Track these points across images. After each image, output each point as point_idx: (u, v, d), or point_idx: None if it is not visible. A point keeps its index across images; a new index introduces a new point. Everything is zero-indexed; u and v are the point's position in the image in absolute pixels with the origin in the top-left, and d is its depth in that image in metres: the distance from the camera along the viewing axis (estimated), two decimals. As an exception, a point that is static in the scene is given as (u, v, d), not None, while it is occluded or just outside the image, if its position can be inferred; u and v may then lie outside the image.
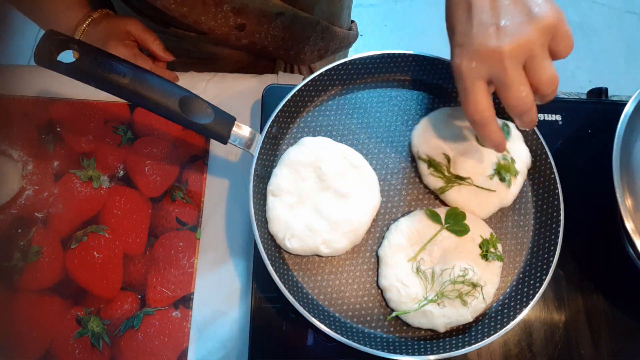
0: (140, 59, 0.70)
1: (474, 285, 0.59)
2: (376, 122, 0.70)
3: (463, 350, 0.57)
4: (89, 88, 0.57)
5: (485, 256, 0.60)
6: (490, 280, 0.60)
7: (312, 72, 0.93)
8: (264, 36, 0.75)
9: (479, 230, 0.62)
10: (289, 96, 0.65)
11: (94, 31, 0.70)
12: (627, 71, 2.06)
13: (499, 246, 0.62)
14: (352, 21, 0.96)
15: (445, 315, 0.58)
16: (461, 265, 0.59)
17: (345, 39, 0.87)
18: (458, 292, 0.58)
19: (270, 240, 0.62)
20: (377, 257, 0.63)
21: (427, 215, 0.62)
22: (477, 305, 0.59)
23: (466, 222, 0.62)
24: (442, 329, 0.59)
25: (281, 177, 0.63)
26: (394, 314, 0.60)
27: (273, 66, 0.88)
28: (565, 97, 0.81)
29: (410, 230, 0.62)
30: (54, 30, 0.56)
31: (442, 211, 0.63)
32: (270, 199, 0.63)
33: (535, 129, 0.68)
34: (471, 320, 0.60)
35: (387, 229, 0.64)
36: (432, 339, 0.60)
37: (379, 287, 0.62)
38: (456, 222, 0.62)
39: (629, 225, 0.61)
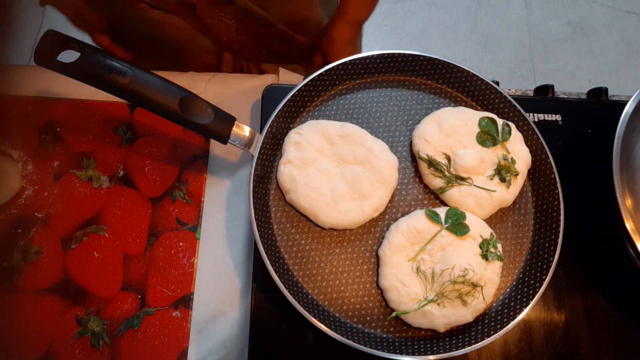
0: None
1: (474, 286, 0.59)
2: (376, 122, 0.70)
3: (463, 350, 0.57)
4: (89, 88, 0.57)
5: (485, 256, 0.60)
6: (491, 280, 0.60)
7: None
8: (217, 22, 0.74)
9: (479, 230, 0.62)
10: (289, 96, 0.65)
11: None
12: (627, 71, 2.06)
13: (499, 246, 0.62)
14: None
15: (445, 315, 0.58)
16: (461, 265, 0.59)
17: (303, 48, 0.86)
18: (458, 292, 0.58)
19: (270, 240, 0.62)
20: (377, 257, 0.63)
21: (427, 215, 0.62)
22: (477, 305, 0.59)
23: (466, 222, 0.62)
24: (442, 329, 0.59)
25: (308, 133, 0.66)
26: (394, 314, 0.60)
27: (219, 62, 0.86)
28: (565, 97, 0.81)
29: (410, 230, 0.62)
30: (54, 30, 0.56)
31: (442, 211, 0.63)
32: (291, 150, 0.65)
33: (535, 128, 0.68)
34: (471, 320, 0.60)
35: (387, 229, 0.64)
36: (432, 339, 0.60)
37: (379, 287, 0.62)
38: (456, 222, 0.62)
39: (629, 225, 0.61)
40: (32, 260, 0.66)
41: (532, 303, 0.59)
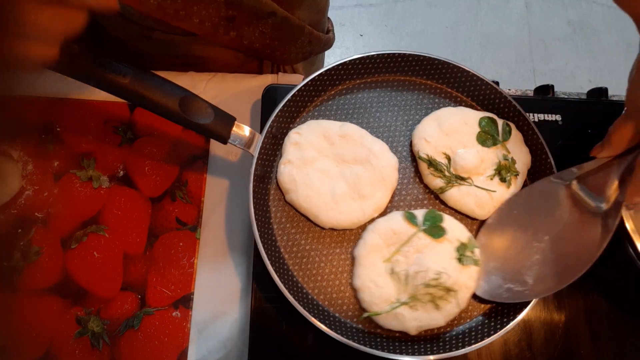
0: None
1: (447, 290, 0.58)
2: (376, 122, 0.70)
3: (463, 350, 0.57)
4: (89, 88, 0.57)
5: (460, 260, 0.60)
6: (466, 284, 0.59)
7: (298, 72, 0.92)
8: (252, 32, 0.74)
9: (457, 233, 0.61)
10: (289, 96, 0.65)
11: None
12: (627, 71, 2.06)
13: (477, 250, 0.61)
14: (328, 18, 0.96)
15: (417, 319, 0.58)
16: (435, 268, 0.58)
17: (328, 42, 0.89)
18: (431, 296, 0.58)
19: (270, 240, 0.62)
20: (352, 256, 0.62)
21: (405, 216, 0.62)
22: (451, 309, 0.58)
23: (445, 225, 0.61)
24: (413, 332, 0.58)
25: (309, 132, 0.66)
26: (365, 315, 0.59)
27: (260, 69, 0.88)
28: (565, 97, 0.81)
29: (386, 231, 0.61)
30: (54, 30, 0.56)
31: (420, 213, 0.63)
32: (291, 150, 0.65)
33: (535, 128, 0.68)
34: (444, 324, 0.59)
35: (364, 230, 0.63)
36: (432, 339, 0.60)
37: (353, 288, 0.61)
38: (433, 225, 0.61)
39: (629, 225, 0.61)
40: (32, 260, 0.66)
41: (532, 303, 0.59)
